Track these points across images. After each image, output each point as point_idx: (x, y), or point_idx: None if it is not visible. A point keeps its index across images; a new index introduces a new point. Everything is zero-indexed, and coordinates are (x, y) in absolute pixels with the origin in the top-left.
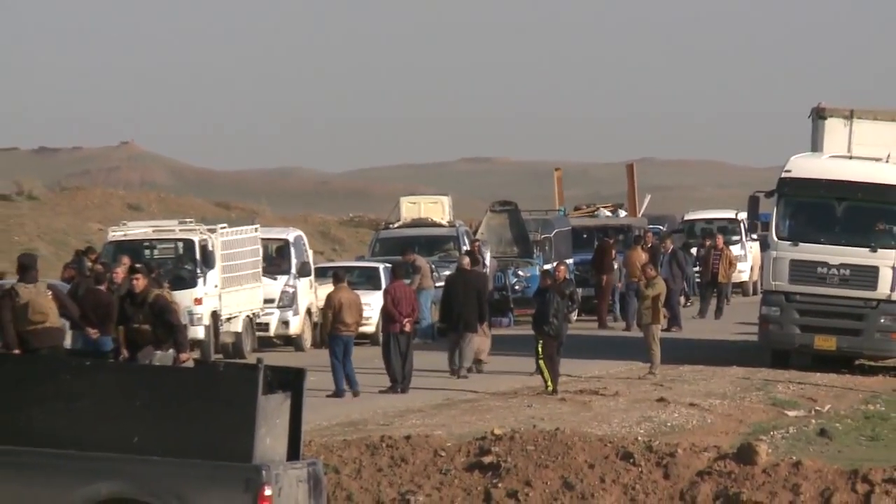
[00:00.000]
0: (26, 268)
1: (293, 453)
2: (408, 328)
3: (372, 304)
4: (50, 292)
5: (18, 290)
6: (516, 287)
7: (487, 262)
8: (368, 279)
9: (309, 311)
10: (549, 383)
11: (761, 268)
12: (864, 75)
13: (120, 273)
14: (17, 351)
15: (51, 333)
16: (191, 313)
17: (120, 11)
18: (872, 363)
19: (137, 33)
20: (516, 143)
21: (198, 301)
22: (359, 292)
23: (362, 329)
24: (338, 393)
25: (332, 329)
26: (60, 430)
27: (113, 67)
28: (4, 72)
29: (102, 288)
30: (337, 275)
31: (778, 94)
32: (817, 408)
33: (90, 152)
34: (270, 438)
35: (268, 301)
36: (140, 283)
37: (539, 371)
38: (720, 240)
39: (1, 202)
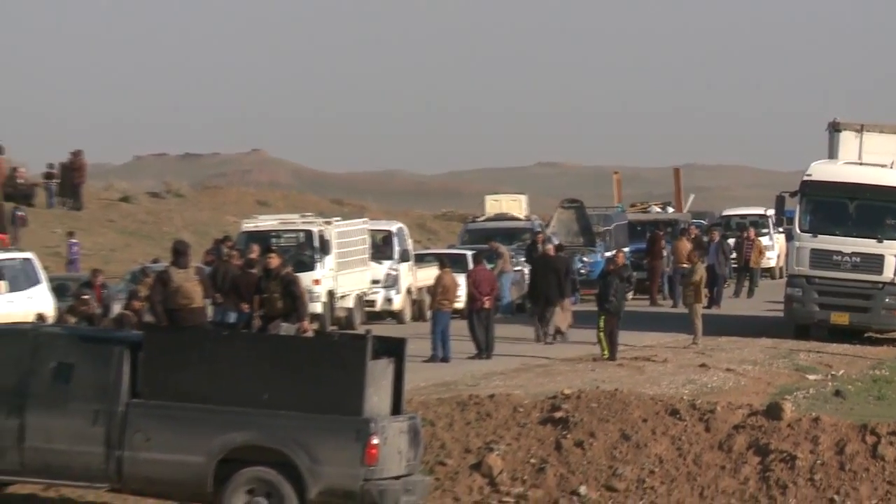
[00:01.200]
0: (180, 254)
1: (396, 409)
2: (487, 305)
3: (461, 284)
4: (197, 277)
5: (171, 273)
6: (582, 271)
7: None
8: (457, 264)
9: (409, 290)
10: (606, 352)
11: (786, 255)
12: (881, 86)
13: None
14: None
15: (195, 313)
16: (310, 292)
17: (246, 38)
18: (879, 335)
19: (265, 54)
20: (582, 150)
21: (316, 282)
22: (448, 273)
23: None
24: (433, 358)
25: (436, 305)
26: (204, 389)
27: (247, 83)
28: (159, 89)
29: (252, 271)
30: (442, 261)
31: (799, 107)
32: (833, 372)
33: (227, 157)
34: (377, 396)
35: (374, 281)
36: (274, 260)
37: (600, 342)
38: (752, 232)
39: (153, 199)
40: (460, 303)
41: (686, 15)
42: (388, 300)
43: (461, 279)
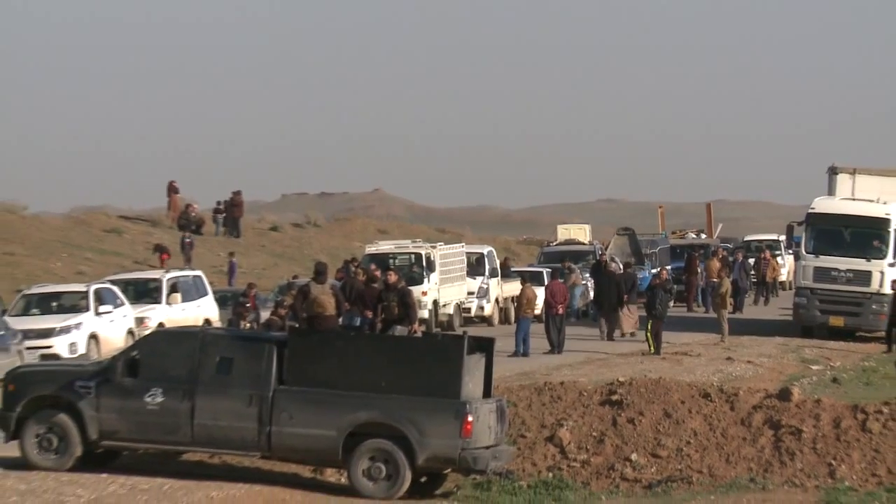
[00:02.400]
0: (319, 273)
1: (486, 393)
2: (560, 311)
3: (539, 295)
4: (331, 291)
5: (311, 287)
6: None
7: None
8: (535, 279)
9: (497, 300)
10: (652, 348)
11: (794, 272)
12: (875, 134)
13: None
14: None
15: (328, 319)
16: (420, 302)
17: (367, 96)
18: (868, 334)
19: (381, 110)
20: (634, 188)
21: (424, 293)
22: (529, 286)
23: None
24: (516, 354)
25: (520, 313)
26: (335, 378)
27: (370, 134)
28: (301, 140)
29: (375, 285)
30: (523, 277)
31: (803, 153)
32: (831, 364)
33: (354, 195)
34: (472, 383)
35: (470, 293)
36: (393, 276)
37: (647, 340)
38: (767, 253)
39: (296, 228)
40: (538, 310)
41: (719, 79)
42: (481, 308)
43: (539, 291)
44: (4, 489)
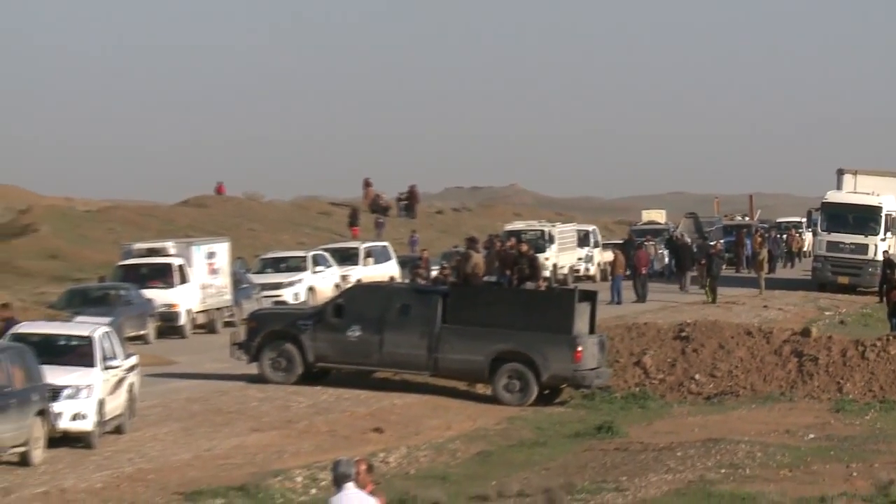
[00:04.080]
0: (473, 242)
1: (591, 330)
2: (643, 272)
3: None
4: (482, 256)
5: (469, 254)
6: (697, 254)
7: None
8: (625, 248)
9: (598, 264)
10: (710, 299)
11: (812, 244)
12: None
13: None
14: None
15: (479, 277)
16: (544, 265)
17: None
18: (865, 290)
19: (520, 112)
20: (696, 182)
21: (546, 259)
22: (620, 254)
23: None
24: (612, 302)
25: (614, 272)
26: (485, 319)
27: (510, 134)
28: (456, 141)
29: (511, 252)
30: (615, 247)
31: (817, 156)
32: (839, 310)
33: (496, 189)
34: (581, 323)
35: (579, 259)
36: (525, 246)
37: (706, 293)
38: (793, 231)
39: (455, 212)
40: (628, 270)
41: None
42: (587, 269)
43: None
44: (248, 396)
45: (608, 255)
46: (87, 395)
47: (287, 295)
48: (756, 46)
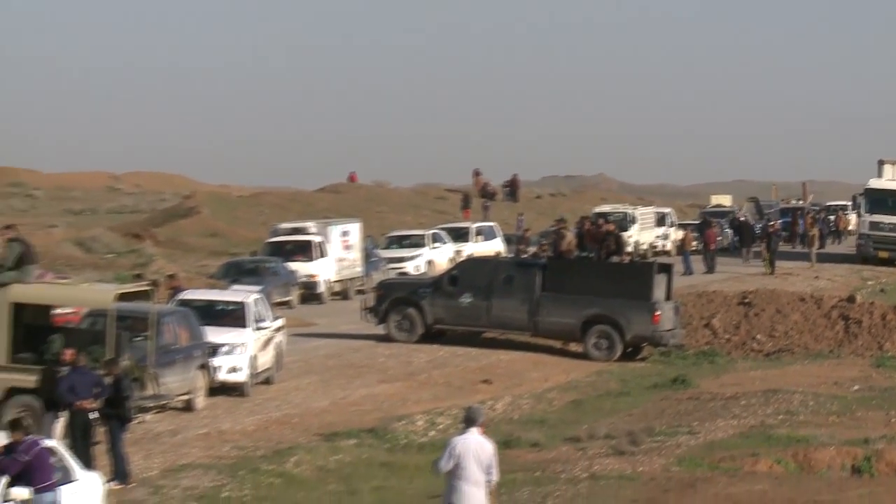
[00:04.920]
0: (563, 223)
1: (667, 297)
2: (712, 248)
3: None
4: (572, 234)
5: (564, 232)
6: (758, 232)
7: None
8: (697, 228)
9: (673, 241)
10: (769, 271)
11: (858, 224)
12: None
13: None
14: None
15: (571, 252)
16: (627, 242)
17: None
18: None
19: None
20: (758, 170)
21: (629, 236)
22: (694, 234)
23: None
24: (684, 273)
25: (685, 248)
26: (577, 287)
27: (597, 125)
28: (555, 135)
29: (601, 230)
30: (686, 227)
31: (861, 148)
32: (880, 281)
33: (586, 177)
34: (658, 291)
35: (657, 236)
36: (611, 226)
37: (766, 266)
38: (840, 213)
39: (551, 196)
40: (697, 247)
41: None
42: (664, 245)
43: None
44: (377, 352)
45: (681, 234)
46: (241, 352)
47: (409, 267)
48: (812, 51)
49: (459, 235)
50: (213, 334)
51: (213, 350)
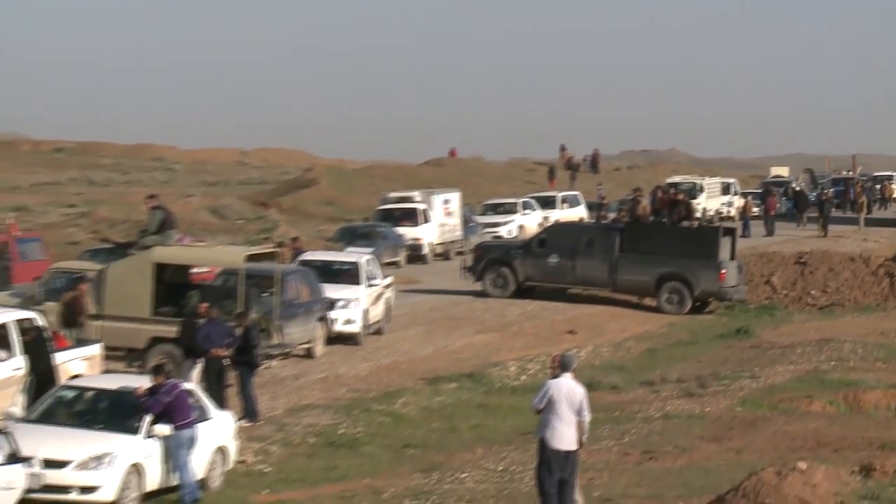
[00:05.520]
0: (640, 192)
1: (731, 257)
2: (772, 213)
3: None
4: (647, 201)
5: (639, 199)
6: (813, 200)
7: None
8: (758, 197)
9: (736, 208)
10: (822, 234)
11: None
12: None
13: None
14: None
15: (646, 218)
16: (696, 208)
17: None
18: None
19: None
20: (813, 144)
21: (698, 204)
22: (755, 202)
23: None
24: (743, 236)
25: (746, 214)
26: (652, 248)
27: (670, 109)
28: (623, 109)
29: (678, 199)
30: (746, 196)
31: None
32: None
33: (659, 151)
34: (723, 252)
35: (722, 204)
36: (681, 196)
37: (820, 229)
38: (886, 182)
39: (629, 169)
40: (758, 213)
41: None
42: (729, 212)
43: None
44: (474, 307)
45: (742, 201)
46: (355, 306)
47: (503, 231)
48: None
49: (547, 203)
50: (331, 290)
51: (331, 304)
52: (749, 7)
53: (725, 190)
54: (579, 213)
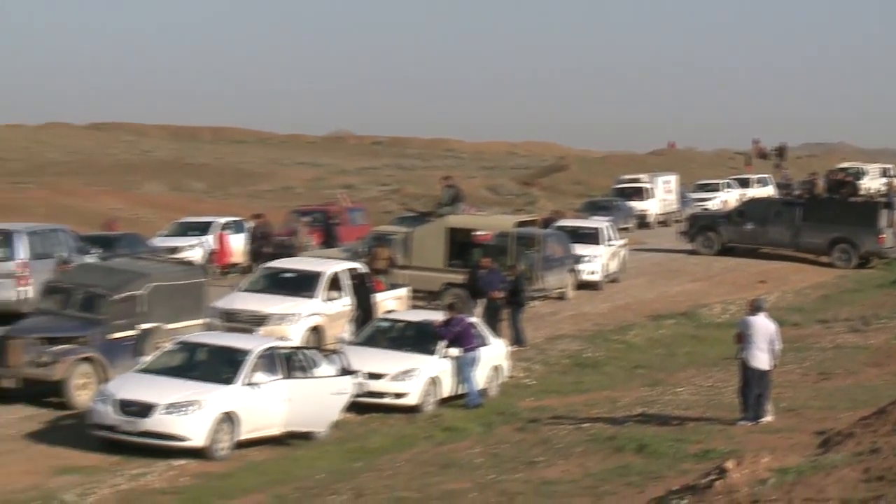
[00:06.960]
0: (815, 173)
1: (890, 225)
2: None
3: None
4: (822, 182)
5: (816, 182)
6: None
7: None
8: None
9: (893, 187)
10: None
11: None
12: None
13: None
14: None
15: (821, 196)
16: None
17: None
18: None
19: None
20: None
21: (862, 184)
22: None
23: None
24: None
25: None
26: (826, 218)
27: (840, 108)
28: (808, 108)
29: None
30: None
31: None
32: None
33: (832, 144)
34: (882, 221)
35: (881, 184)
36: (849, 177)
37: None
38: None
39: (808, 158)
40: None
41: None
42: (885, 190)
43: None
44: (688, 262)
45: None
46: (597, 261)
47: (710, 204)
48: None
49: (744, 183)
50: (579, 248)
51: (578, 259)
52: None
53: (883, 173)
54: (769, 191)
